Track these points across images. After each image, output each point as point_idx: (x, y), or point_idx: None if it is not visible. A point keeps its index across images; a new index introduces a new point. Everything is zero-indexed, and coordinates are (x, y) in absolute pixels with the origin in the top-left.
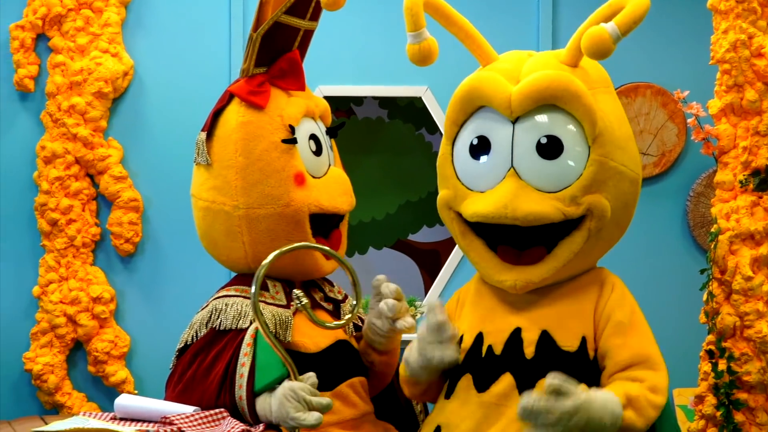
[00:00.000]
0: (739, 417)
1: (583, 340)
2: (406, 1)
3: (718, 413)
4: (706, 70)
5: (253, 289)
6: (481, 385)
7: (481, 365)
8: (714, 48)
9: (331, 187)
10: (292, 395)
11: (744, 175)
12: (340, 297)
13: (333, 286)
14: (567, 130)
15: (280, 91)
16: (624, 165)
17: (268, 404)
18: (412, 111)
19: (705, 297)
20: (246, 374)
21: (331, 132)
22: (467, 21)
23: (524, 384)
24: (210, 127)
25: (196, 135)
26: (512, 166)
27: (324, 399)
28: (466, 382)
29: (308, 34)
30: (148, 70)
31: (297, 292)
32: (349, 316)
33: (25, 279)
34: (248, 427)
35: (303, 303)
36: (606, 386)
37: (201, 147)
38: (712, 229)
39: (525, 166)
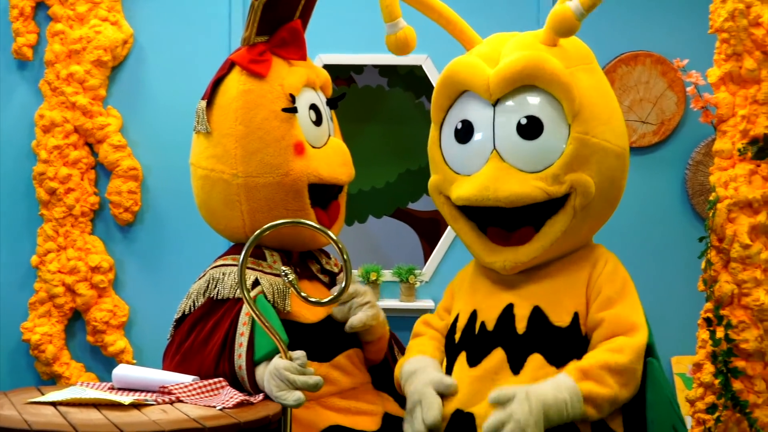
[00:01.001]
0: (737, 385)
1: (576, 316)
2: None
3: (717, 381)
4: (706, 39)
5: (241, 259)
6: (474, 360)
7: (474, 342)
8: (713, 17)
9: (331, 157)
10: (276, 374)
11: (742, 144)
12: (336, 269)
13: (330, 258)
14: (546, 110)
15: (281, 61)
16: (607, 140)
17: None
18: (413, 79)
19: (703, 265)
20: (245, 344)
21: (331, 103)
22: (446, 6)
23: (515, 358)
24: (210, 96)
25: (196, 104)
26: (495, 148)
27: (312, 378)
28: (461, 359)
29: (310, 2)
30: (147, 38)
31: (284, 268)
32: (335, 295)
33: (24, 248)
34: (247, 397)
35: (290, 279)
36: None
37: (201, 115)
38: (711, 197)
39: (507, 147)
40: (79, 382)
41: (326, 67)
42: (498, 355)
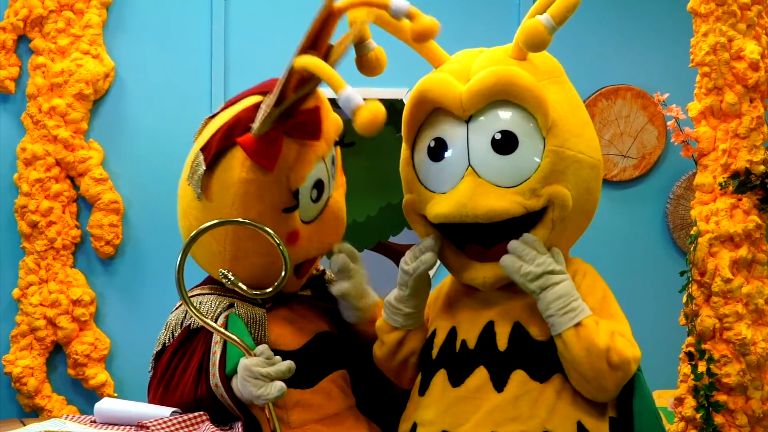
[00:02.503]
0: (718, 419)
1: None
2: (349, 16)
3: (698, 415)
4: (686, 73)
5: (176, 263)
6: (456, 380)
7: (455, 360)
8: (694, 51)
9: (323, 231)
10: (248, 374)
11: (723, 178)
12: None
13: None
14: (520, 124)
15: (292, 143)
16: (582, 152)
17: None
18: (393, 113)
19: (685, 299)
20: (217, 362)
21: (338, 143)
22: None
23: (498, 376)
24: (211, 163)
25: (176, 136)
26: (470, 164)
27: (283, 364)
28: (441, 377)
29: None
30: (128, 71)
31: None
32: (275, 286)
33: (5, 281)
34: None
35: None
36: None
37: (197, 174)
38: (692, 232)
39: (482, 163)
40: (63, 415)
41: None
42: (481, 374)
